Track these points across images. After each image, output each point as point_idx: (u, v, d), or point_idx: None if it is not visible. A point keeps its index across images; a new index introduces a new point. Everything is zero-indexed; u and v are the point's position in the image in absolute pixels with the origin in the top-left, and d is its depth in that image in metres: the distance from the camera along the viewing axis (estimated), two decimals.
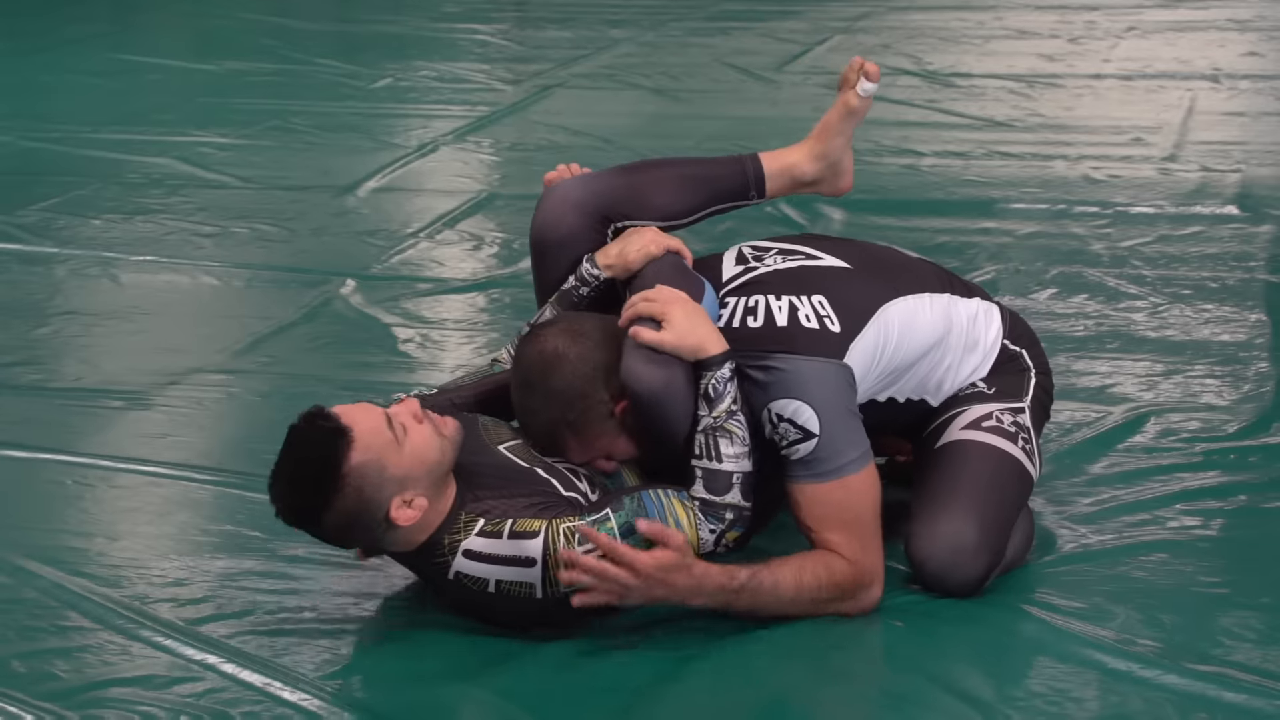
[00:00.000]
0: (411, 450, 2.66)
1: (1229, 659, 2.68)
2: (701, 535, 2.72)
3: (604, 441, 2.89)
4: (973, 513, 2.85)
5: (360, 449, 2.62)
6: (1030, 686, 2.63)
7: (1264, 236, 4.95)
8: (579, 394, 2.84)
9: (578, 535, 2.65)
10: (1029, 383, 3.11)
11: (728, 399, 2.76)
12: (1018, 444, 2.98)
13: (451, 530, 2.70)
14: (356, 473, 2.62)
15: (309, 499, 2.63)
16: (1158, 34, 8.35)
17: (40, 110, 7.05)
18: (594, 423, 2.86)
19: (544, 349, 2.86)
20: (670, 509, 2.72)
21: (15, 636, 2.83)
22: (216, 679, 2.68)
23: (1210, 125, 6.38)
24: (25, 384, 4.00)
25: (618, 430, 2.88)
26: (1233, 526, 3.16)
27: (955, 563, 2.83)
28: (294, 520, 2.69)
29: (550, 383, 2.84)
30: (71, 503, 3.37)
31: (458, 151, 6.26)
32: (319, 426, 2.64)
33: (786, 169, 3.30)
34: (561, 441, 2.88)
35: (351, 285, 4.64)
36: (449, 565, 2.70)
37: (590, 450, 2.89)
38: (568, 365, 2.84)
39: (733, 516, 2.74)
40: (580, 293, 3.08)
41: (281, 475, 2.66)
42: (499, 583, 2.68)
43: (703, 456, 2.76)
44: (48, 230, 5.23)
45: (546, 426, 2.88)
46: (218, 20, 9.50)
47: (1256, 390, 3.78)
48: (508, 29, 9.07)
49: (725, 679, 2.66)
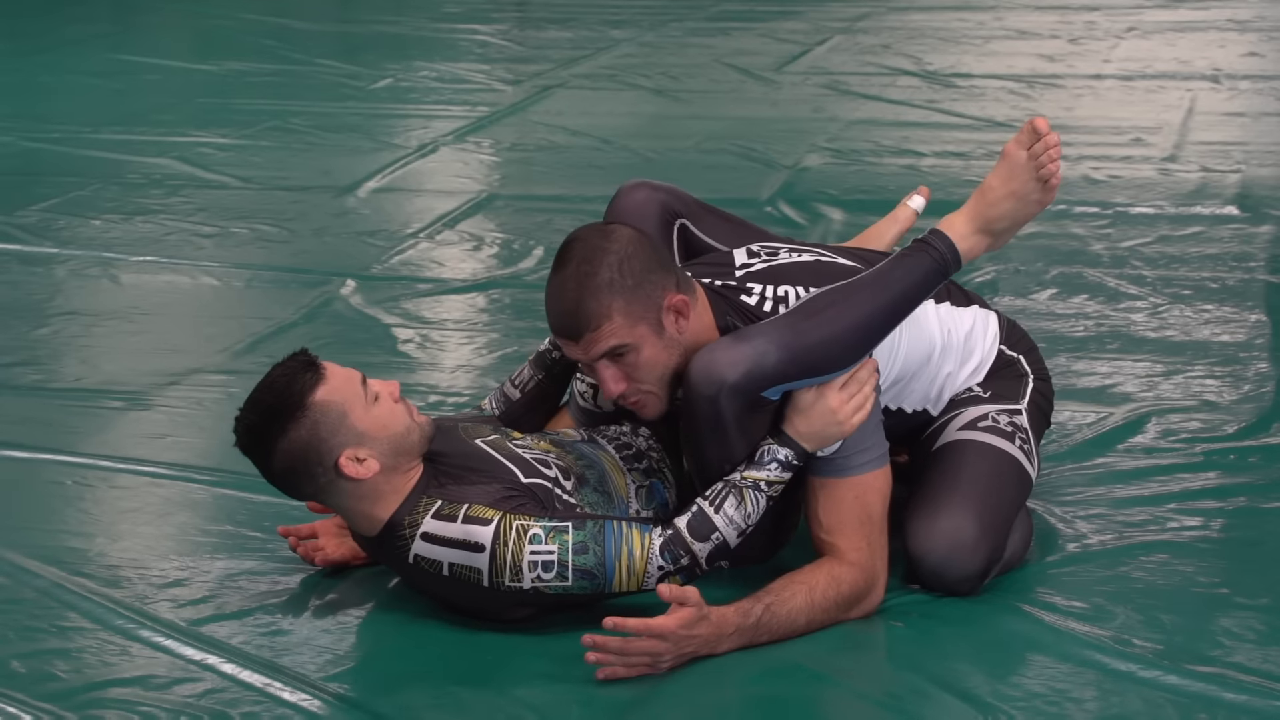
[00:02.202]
0: (377, 414, 2.74)
1: (1229, 659, 2.68)
2: (648, 569, 2.73)
3: (644, 329, 2.79)
4: (971, 508, 2.85)
5: (327, 389, 2.72)
6: (1030, 687, 2.63)
7: (1264, 237, 4.95)
8: (637, 259, 2.79)
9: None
10: (1026, 387, 3.11)
11: (765, 473, 2.76)
12: (1015, 443, 2.98)
13: (411, 511, 2.74)
14: (318, 407, 2.70)
15: (268, 421, 2.71)
16: (1158, 34, 8.35)
17: (41, 111, 7.05)
18: (643, 298, 2.78)
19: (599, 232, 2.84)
20: (627, 539, 2.72)
21: (15, 637, 2.82)
22: (216, 679, 2.68)
23: (1210, 125, 6.38)
24: (25, 384, 4.00)
25: (657, 324, 2.80)
26: (1233, 527, 3.16)
27: (954, 557, 2.83)
28: (249, 443, 2.75)
29: (610, 243, 2.80)
30: (71, 503, 3.37)
31: (458, 152, 6.26)
32: (296, 360, 2.76)
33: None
34: (606, 305, 2.77)
35: (352, 285, 4.64)
36: (409, 549, 2.74)
37: (631, 327, 2.78)
38: (632, 243, 2.82)
39: (687, 564, 2.74)
40: (554, 355, 3.12)
41: (250, 397, 2.76)
42: (451, 565, 2.71)
43: (709, 498, 2.76)
44: (48, 230, 5.23)
45: (594, 288, 2.76)
46: (218, 21, 9.50)
47: (1256, 390, 3.78)
48: (508, 29, 9.07)
49: (725, 679, 2.65)
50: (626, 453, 2.99)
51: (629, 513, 2.89)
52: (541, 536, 2.69)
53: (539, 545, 2.68)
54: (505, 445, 2.88)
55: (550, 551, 2.69)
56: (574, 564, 2.69)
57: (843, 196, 5.35)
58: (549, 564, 2.68)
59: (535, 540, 2.68)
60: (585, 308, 2.77)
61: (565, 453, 2.92)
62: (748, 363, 2.74)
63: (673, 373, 2.85)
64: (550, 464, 2.86)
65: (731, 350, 2.76)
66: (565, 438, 3.00)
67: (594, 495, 2.86)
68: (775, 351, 2.75)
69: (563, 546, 2.69)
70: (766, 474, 2.76)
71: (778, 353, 2.76)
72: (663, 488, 2.96)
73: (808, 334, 2.78)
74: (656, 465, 2.99)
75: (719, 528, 2.73)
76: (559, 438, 2.99)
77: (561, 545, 2.69)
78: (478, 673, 2.69)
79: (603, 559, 2.70)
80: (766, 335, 2.78)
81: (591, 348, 2.80)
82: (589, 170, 5.94)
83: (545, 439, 2.97)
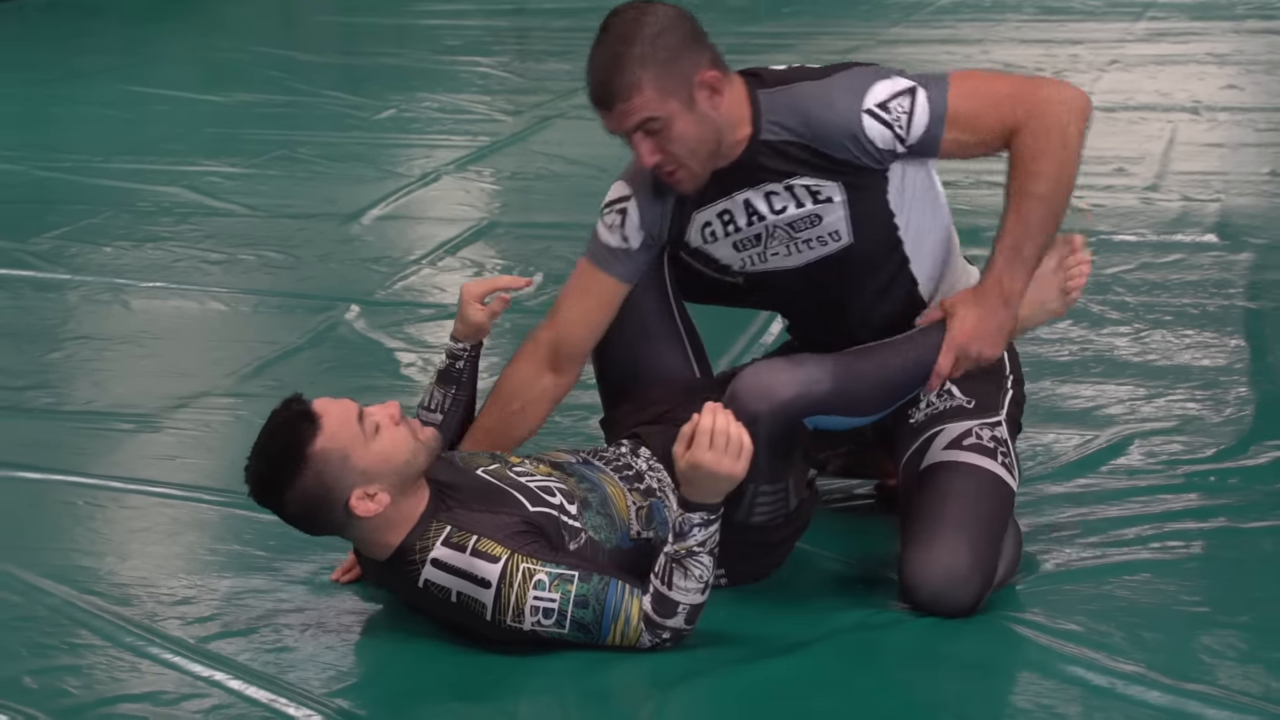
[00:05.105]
0: (380, 448, 2.72)
1: (1211, 677, 2.68)
2: (640, 640, 2.72)
3: (676, 103, 2.83)
4: (964, 539, 2.84)
5: (325, 436, 2.70)
6: (1016, 703, 2.63)
7: (1243, 264, 4.96)
8: (672, 34, 2.84)
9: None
10: (1005, 395, 3.08)
11: (693, 540, 2.70)
12: (997, 459, 2.97)
13: (422, 537, 2.74)
14: (319, 457, 2.69)
15: (273, 475, 2.71)
16: (1140, 67, 8.37)
17: (53, 140, 7.06)
18: (675, 72, 2.82)
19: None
20: (627, 606, 2.71)
21: (27, 653, 2.82)
22: (223, 695, 2.68)
23: (1190, 156, 6.40)
24: (38, 407, 4.00)
25: (689, 98, 2.84)
26: (1214, 547, 3.16)
27: (949, 589, 2.82)
28: (260, 494, 2.75)
29: (646, 18, 2.84)
30: (82, 523, 3.37)
31: (459, 180, 6.27)
32: (291, 410, 2.74)
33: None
34: (637, 77, 2.81)
35: (356, 311, 4.64)
36: (419, 573, 2.73)
37: (662, 100, 2.82)
38: (669, 19, 2.86)
39: (668, 636, 2.72)
40: (457, 367, 3.12)
41: (255, 447, 2.76)
42: (459, 594, 2.71)
43: (658, 577, 2.73)
44: (60, 257, 5.24)
45: (627, 60, 2.81)
46: (226, 53, 9.52)
47: (1236, 414, 3.78)
48: (508, 62, 9.09)
49: (717, 702, 2.65)
50: (627, 473, 2.98)
51: (630, 533, 2.87)
52: (546, 583, 2.68)
53: (542, 591, 2.68)
54: (507, 474, 2.87)
55: (552, 599, 2.68)
56: (573, 615, 2.69)
57: None
58: (549, 611, 2.68)
59: (540, 586, 2.68)
60: (617, 80, 2.82)
61: (567, 476, 2.91)
62: (799, 385, 2.76)
63: (707, 149, 2.88)
64: (554, 490, 2.85)
65: (786, 371, 2.79)
66: (563, 460, 3.00)
67: (597, 518, 2.85)
68: (828, 381, 2.80)
69: (564, 596, 2.68)
70: (695, 539, 2.70)
71: (830, 382, 2.80)
72: (663, 508, 2.95)
73: (860, 375, 2.85)
74: (657, 486, 2.99)
75: (679, 600, 2.71)
76: (558, 461, 2.99)
77: (564, 595, 2.68)
78: (479, 690, 2.68)
79: (600, 617, 2.70)
80: (822, 365, 2.83)
81: (624, 119, 2.84)
82: (587, 198, 5.90)
83: (545, 463, 2.96)
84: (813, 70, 3.00)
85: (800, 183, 2.94)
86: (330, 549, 3.08)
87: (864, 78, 2.94)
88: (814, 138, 2.91)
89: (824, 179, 2.93)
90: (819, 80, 2.96)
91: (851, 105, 2.90)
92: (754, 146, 2.94)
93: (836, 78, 2.95)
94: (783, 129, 2.93)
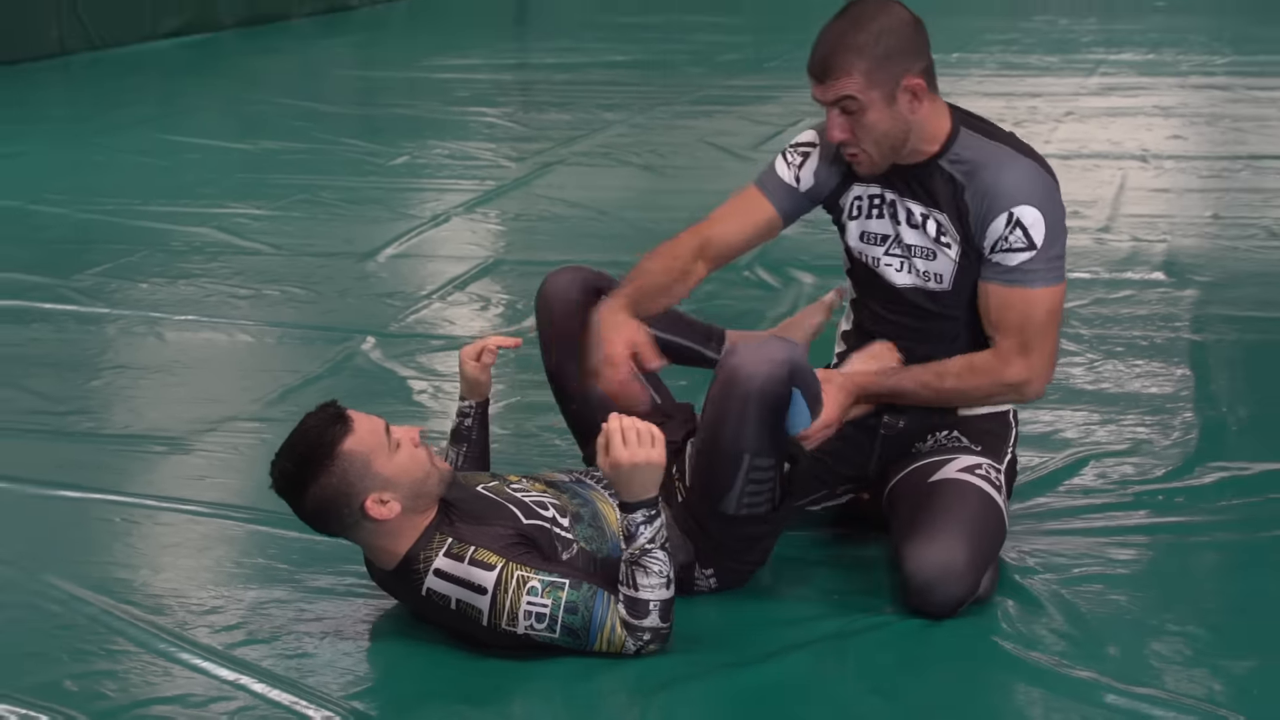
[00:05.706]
0: (399, 461, 2.74)
1: (1159, 681, 2.67)
2: (625, 646, 2.71)
3: (877, 94, 2.89)
4: (964, 540, 2.85)
5: (354, 439, 2.71)
6: (987, 705, 2.63)
7: (1188, 300, 4.97)
8: (896, 35, 2.90)
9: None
10: (1006, 451, 3.12)
11: (642, 539, 2.70)
12: (1000, 495, 2.99)
13: (426, 548, 2.74)
14: (345, 457, 2.70)
15: (300, 468, 2.71)
16: (1093, 118, 8.40)
17: (94, 186, 7.06)
18: (887, 68, 2.88)
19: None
20: (611, 615, 2.70)
21: (68, 659, 2.81)
22: (248, 698, 2.67)
23: (1140, 200, 6.41)
24: (79, 431, 3.99)
25: (891, 95, 2.90)
26: (1161, 560, 3.16)
27: (944, 579, 2.82)
28: (284, 487, 2.75)
29: (881, 14, 2.90)
30: (119, 538, 3.36)
31: (468, 221, 6.27)
32: (326, 411, 2.75)
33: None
34: (851, 63, 2.88)
35: (372, 342, 4.64)
36: (423, 582, 2.73)
37: (866, 88, 2.89)
38: (900, 21, 2.92)
39: (649, 637, 2.71)
40: (466, 425, 3.17)
41: (284, 445, 2.76)
42: (458, 601, 2.71)
43: (624, 583, 2.72)
44: (100, 293, 5.23)
45: (848, 45, 2.88)
46: (255, 105, 9.53)
47: (1183, 438, 3.79)
48: (513, 112, 9.10)
49: (705, 706, 2.65)
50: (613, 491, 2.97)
51: (619, 545, 2.87)
52: (538, 589, 2.68)
53: (535, 597, 2.68)
54: (504, 490, 2.87)
55: (544, 605, 2.68)
56: (563, 620, 2.68)
57: (813, 262, 5.36)
58: (541, 616, 2.68)
59: (532, 592, 2.68)
60: (834, 59, 2.91)
61: (560, 492, 2.92)
62: (788, 351, 2.82)
63: (891, 143, 2.94)
64: (547, 504, 2.85)
65: (774, 343, 2.86)
66: (557, 479, 3.00)
67: (588, 530, 2.85)
68: (805, 357, 2.91)
69: (555, 603, 2.68)
70: (644, 537, 2.70)
71: (806, 359, 2.91)
72: None
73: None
74: None
75: (648, 598, 2.70)
76: (552, 480, 2.99)
77: (555, 601, 2.68)
78: (485, 693, 2.67)
79: (588, 624, 2.69)
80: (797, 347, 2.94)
81: (829, 92, 2.92)
82: (587, 238, 5.95)
83: (540, 481, 2.96)
84: (1017, 142, 3.05)
85: (939, 217, 3.00)
86: (347, 561, 3.08)
87: (1038, 194, 2.96)
88: (969, 189, 2.96)
89: (954, 227, 2.98)
90: (1014, 153, 3.00)
91: (1008, 194, 2.94)
92: (932, 165, 3.00)
93: (1026, 163, 2.99)
94: (958, 166, 2.98)
